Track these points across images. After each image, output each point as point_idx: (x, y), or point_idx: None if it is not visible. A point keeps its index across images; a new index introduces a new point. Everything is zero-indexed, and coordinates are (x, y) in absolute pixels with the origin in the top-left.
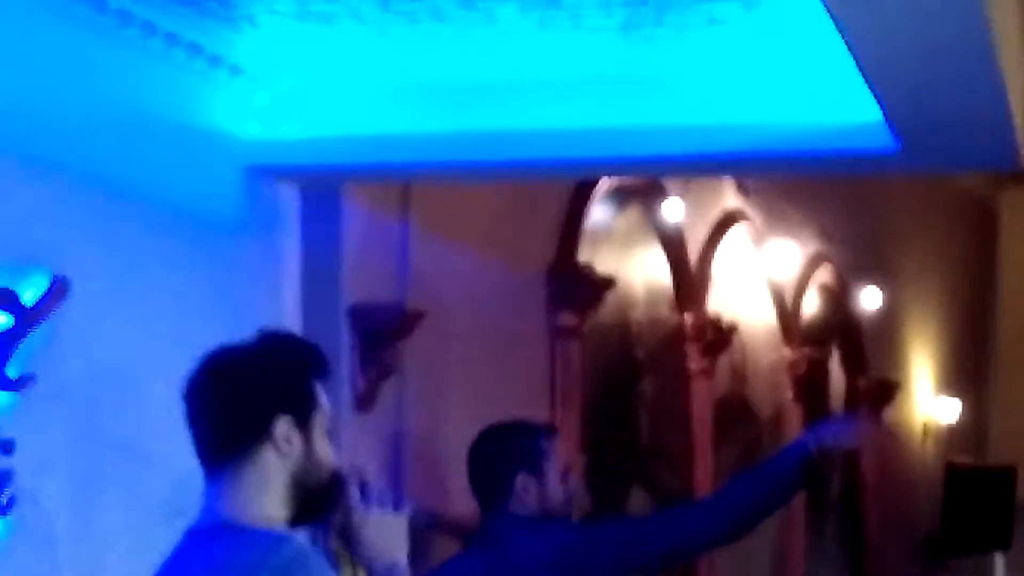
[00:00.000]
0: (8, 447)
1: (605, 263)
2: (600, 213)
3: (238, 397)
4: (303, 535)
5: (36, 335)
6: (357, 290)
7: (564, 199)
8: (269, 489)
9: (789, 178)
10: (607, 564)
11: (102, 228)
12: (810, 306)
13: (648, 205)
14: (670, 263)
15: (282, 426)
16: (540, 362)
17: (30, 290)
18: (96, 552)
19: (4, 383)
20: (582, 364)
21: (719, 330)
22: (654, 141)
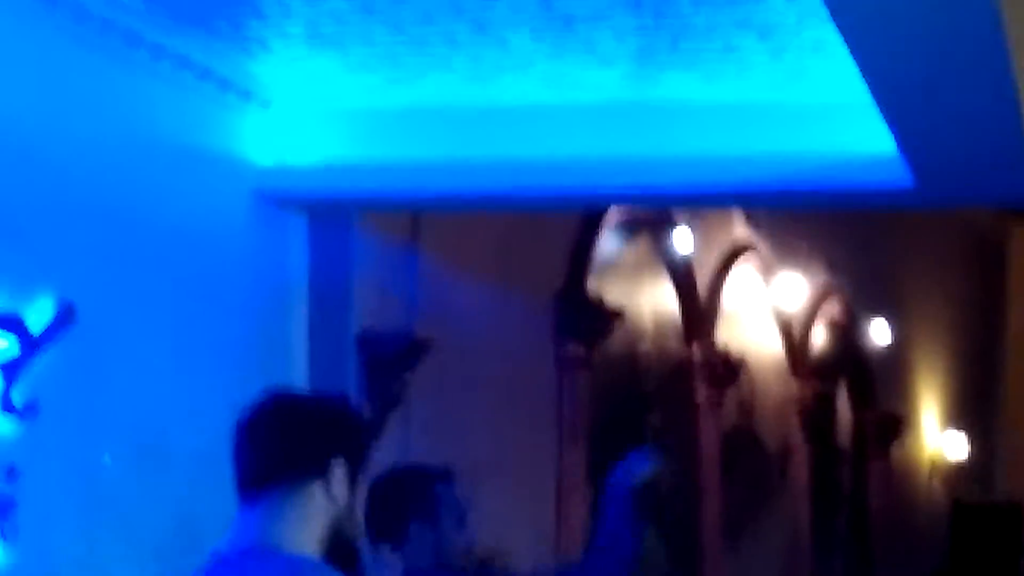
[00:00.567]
0: (12, 474)
1: (614, 294)
2: (609, 243)
3: (304, 431)
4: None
5: (41, 361)
6: (365, 318)
7: (573, 229)
8: (310, 526)
9: (799, 210)
10: None
11: (108, 253)
12: (818, 339)
13: (657, 236)
14: (679, 294)
15: (337, 467)
16: (547, 392)
17: (36, 316)
18: None
19: (9, 409)
20: (590, 395)
21: (727, 363)
22: (665, 172)
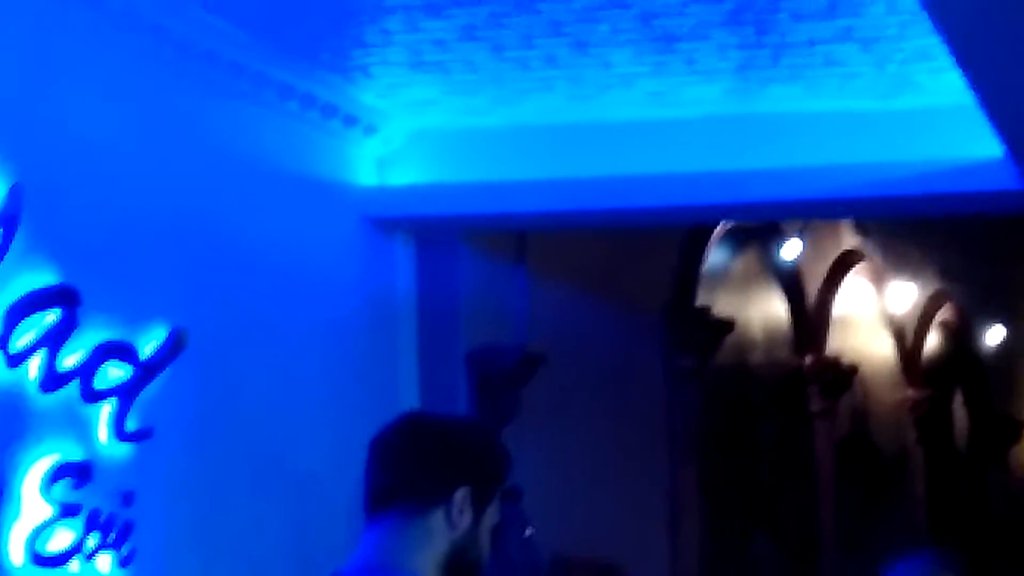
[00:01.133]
0: (129, 499)
1: (723, 305)
2: (717, 255)
3: (434, 455)
4: None
5: (156, 388)
6: (475, 336)
7: (681, 242)
8: (428, 550)
9: (909, 217)
10: None
11: (220, 280)
12: (932, 345)
13: (766, 246)
14: (789, 305)
15: (461, 495)
16: (659, 406)
17: (149, 343)
18: None
19: (123, 435)
20: (701, 407)
21: (840, 371)
22: (771, 184)
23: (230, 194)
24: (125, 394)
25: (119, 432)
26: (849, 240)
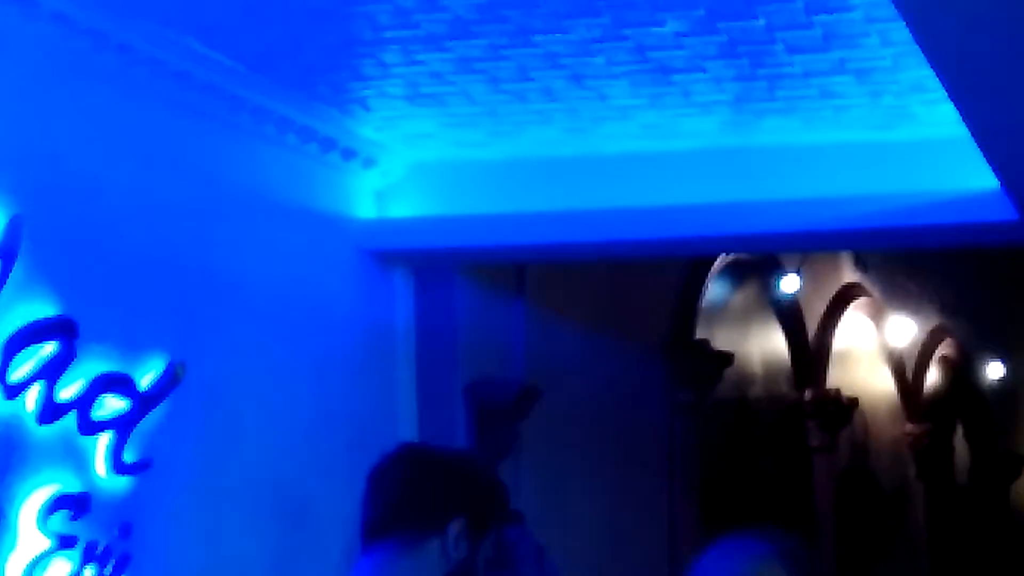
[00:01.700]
0: (126, 531)
1: (722, 339)
2: (716, 289)
3: (429, 486)
4: None
5: (153, 420)
6: (473, 369)
7: (680, 275)
8: None
9: (908, 252)
10: None
11: (218, 312)
12: (932, 380)
13: (765, 281)
14: (788, 339)
15: (457, 527)
16: (658, 439)
17: (146, 375)
18: None
19: (121, 467)
20: (700, 441)
21: (839, 405)
22: (769, 216)
23: (229, 226)
24: (123, 426)
25: (117, 464)
26: (848, 275)
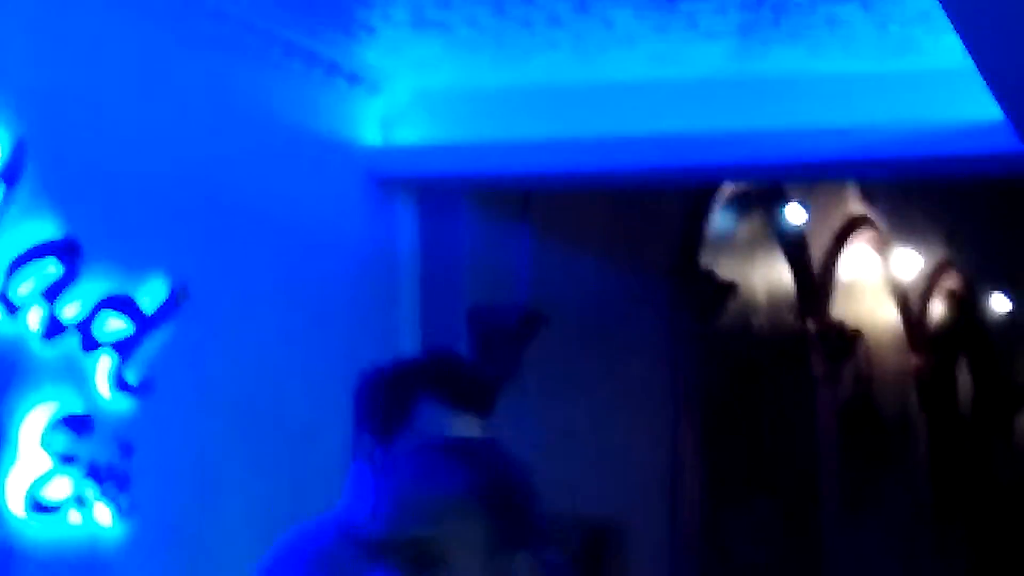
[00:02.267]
0: (128, 451)
1: (726, 269)
2: (722, 219)
3: (356, 409)
4: None
5: (155, 341)
6: (477, 295)
7: (685, 205)
8: (360, 501)
9: (915, 184)
10: None
11: (221, 235)
12: (936, 312)
13: (770, 211)
14: (793, 269)
15: (367, 441)
16: (661, 367)
17: (149, 297)
18: (216, 554)
19: (123, 388)
20: (703, 369)
21: (843, 335)
22: (773, 145)
23: (233, 150)
24: (125, 347)
25: (119, 384)
26: (854, 206)
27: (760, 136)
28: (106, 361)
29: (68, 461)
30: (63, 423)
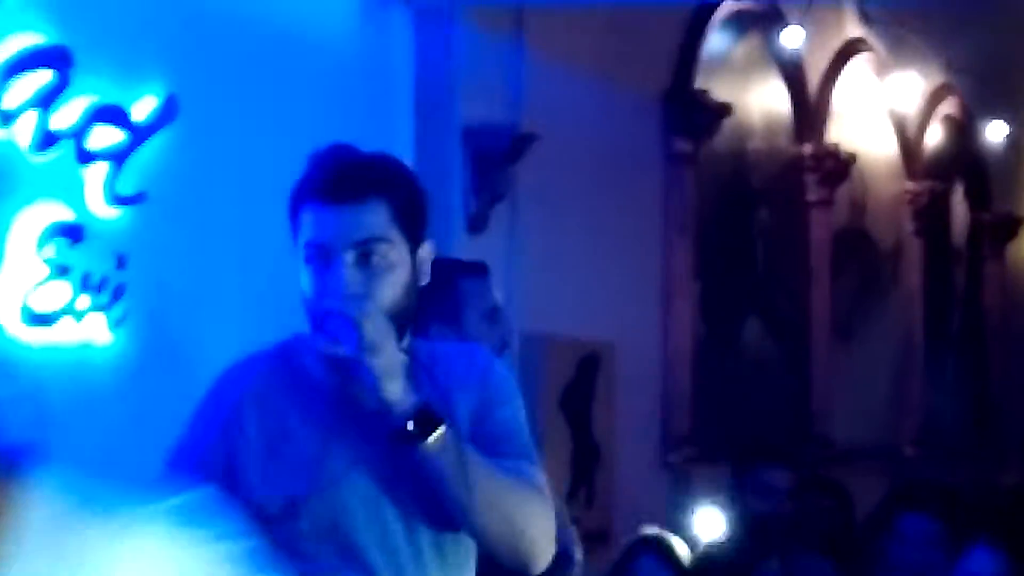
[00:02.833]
0: (122, 261)
1: (722, 91)
2: (718, 40)
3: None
4: None
5: (147, 151)
6: (470, 113)
7: (681, 25)
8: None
9: (914, 6)
10: None
11: (213, 48)
12: (933, 138)
13: (767, 33)
14: (789, 92)
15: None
16: (653, 188)
17: (142, 107)
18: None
19: (116, 198)
20: (697, 192)
21: (838, 160)
22: None
23: None
24: (118, 157)
25: (112, 195)
26: (853, 29)
27: None
28: (99, 172)
29: (62, 272)
30: (57, 232)
